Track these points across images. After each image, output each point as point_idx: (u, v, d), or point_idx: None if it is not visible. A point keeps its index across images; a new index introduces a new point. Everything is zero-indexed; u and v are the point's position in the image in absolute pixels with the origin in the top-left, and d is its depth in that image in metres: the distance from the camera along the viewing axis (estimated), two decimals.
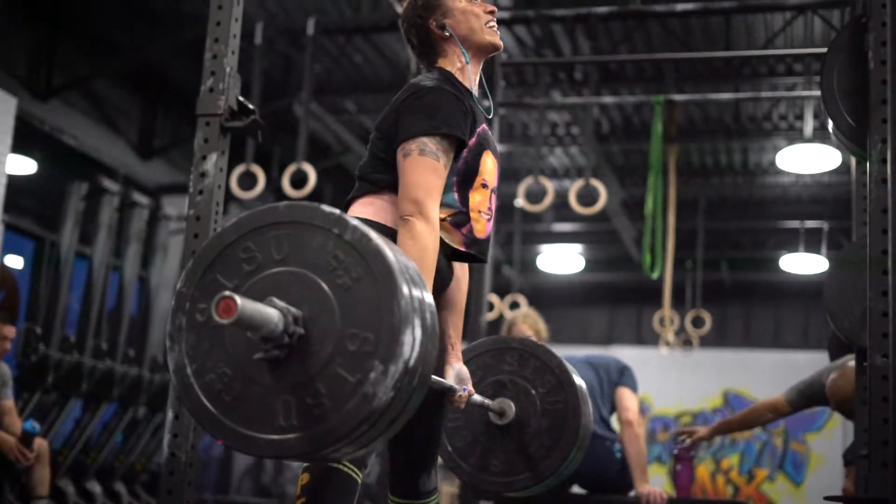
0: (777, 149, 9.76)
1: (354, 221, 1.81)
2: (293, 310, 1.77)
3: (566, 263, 13.47)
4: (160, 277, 8.14)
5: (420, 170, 2.29)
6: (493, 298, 10.02)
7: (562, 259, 13.45)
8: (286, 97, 8.99)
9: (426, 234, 2.24)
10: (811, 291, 11.89)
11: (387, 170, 2.38)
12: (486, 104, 2.55)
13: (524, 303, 10.20)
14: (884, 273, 2.73)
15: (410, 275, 1.81)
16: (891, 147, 2.77)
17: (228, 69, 2.90)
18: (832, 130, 3.14)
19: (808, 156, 8.33)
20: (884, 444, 2.64)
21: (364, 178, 2.43)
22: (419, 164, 2.29)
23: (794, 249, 12.14)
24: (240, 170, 7.63)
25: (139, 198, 7.94)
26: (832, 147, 7.98)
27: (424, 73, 2.49)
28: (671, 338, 10.78)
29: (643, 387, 5.35)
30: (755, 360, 13.90)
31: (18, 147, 7.08)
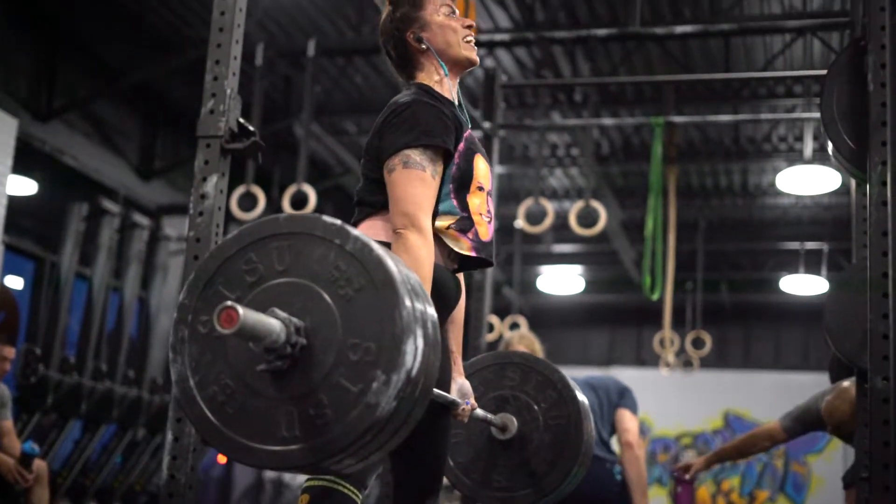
0: (777, 170, 9.78)
1: (356, 232, 1.80)
2: (295, 320, 1.77)
3: (566, 285, 13.47)
4: (160, 298, 8.11)
5: (407, 182, 2.28)
6: (494, 319, 10.01)
7: (562, 280, 13.45)
8: (286, 118, 9.02)
9: (419, 246, 2.23)
10: (811, 313, 11.89)
11: (381, 190, 2.37)
12: (464, 119, 2.54)
13: (524, 324, 10.19)
14: (884, 296, 2.73)
15: (412, 285, 1.81)
16: (891, 170, 2.77)
17: (229, 91, 2.90)
18: (832, 153, 3.14)
19: (808, 177, 8.34)
20: (885, 468, 2.63)
21: (362, 202, 2.43)
22: (405, 177, 2.29)
23: (795, 271, 12.15)
24: (240, 191, 7.66)
25: (139, 219, 7.93)
26: (832, 168, 7.99)
27: (403, 91, 2.49)
28: (671, 359, 10.78)
29: (643, 408, 5.33)
30: (756, 382, 13.89)
31: (19, 168, 7.10)
